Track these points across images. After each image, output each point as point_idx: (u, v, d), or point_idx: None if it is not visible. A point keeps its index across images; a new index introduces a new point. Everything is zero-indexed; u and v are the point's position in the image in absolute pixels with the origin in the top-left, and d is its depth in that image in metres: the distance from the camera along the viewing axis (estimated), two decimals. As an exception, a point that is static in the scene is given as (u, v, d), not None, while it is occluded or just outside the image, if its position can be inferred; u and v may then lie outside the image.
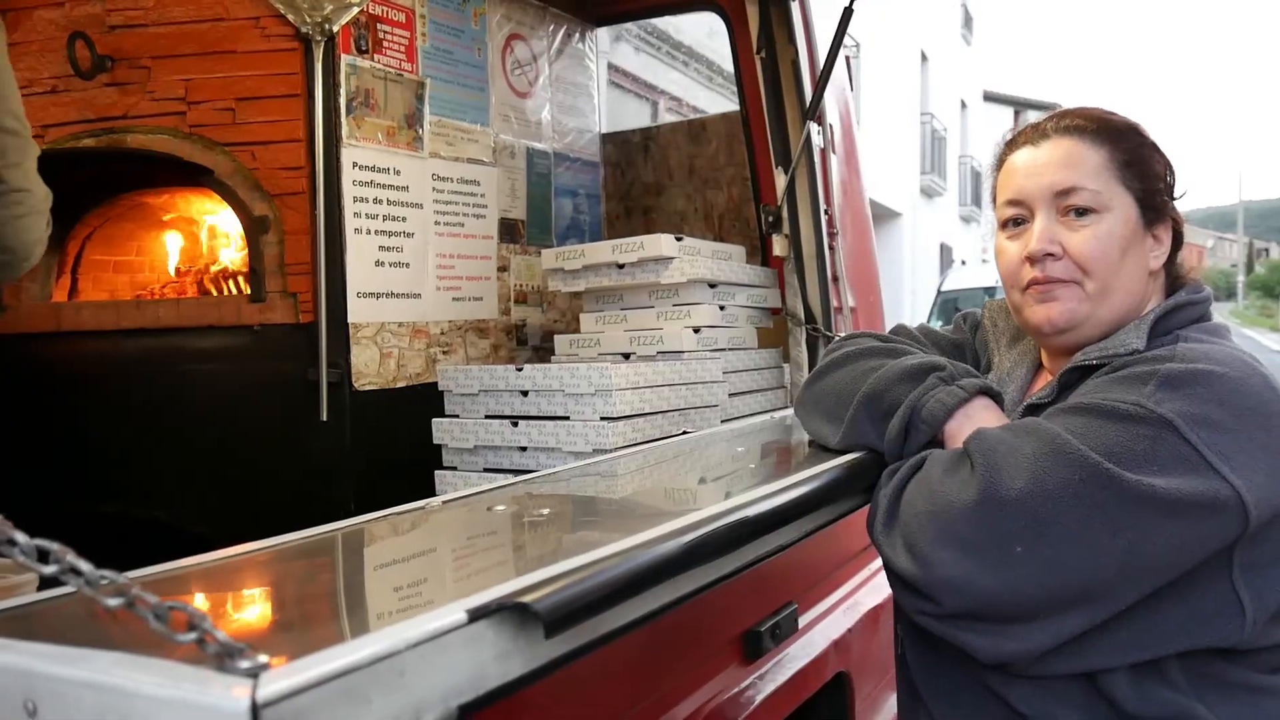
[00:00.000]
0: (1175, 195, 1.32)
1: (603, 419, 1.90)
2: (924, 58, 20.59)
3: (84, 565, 0.63)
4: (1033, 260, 1.27)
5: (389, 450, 2.31)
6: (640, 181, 3.40)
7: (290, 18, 2.22)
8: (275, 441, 2.27)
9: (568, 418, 1.94)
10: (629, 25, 10.02)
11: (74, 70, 2.24)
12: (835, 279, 2.60)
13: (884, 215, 18.77)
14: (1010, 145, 1.37)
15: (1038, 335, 1.34)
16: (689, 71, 11.32)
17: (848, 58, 3.04)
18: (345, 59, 2.27)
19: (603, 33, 11.08)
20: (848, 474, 1.24)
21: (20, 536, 0.65)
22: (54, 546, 0.64)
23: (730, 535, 0.92)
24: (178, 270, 2.92)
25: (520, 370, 2.02)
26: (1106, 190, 1.26)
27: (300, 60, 2.24)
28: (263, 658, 0.57)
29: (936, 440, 1.24)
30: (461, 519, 1.14)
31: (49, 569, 0.64)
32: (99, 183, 2.50)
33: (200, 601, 0.79)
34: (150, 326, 2.35)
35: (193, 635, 0.59)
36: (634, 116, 10.37)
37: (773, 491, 1.07)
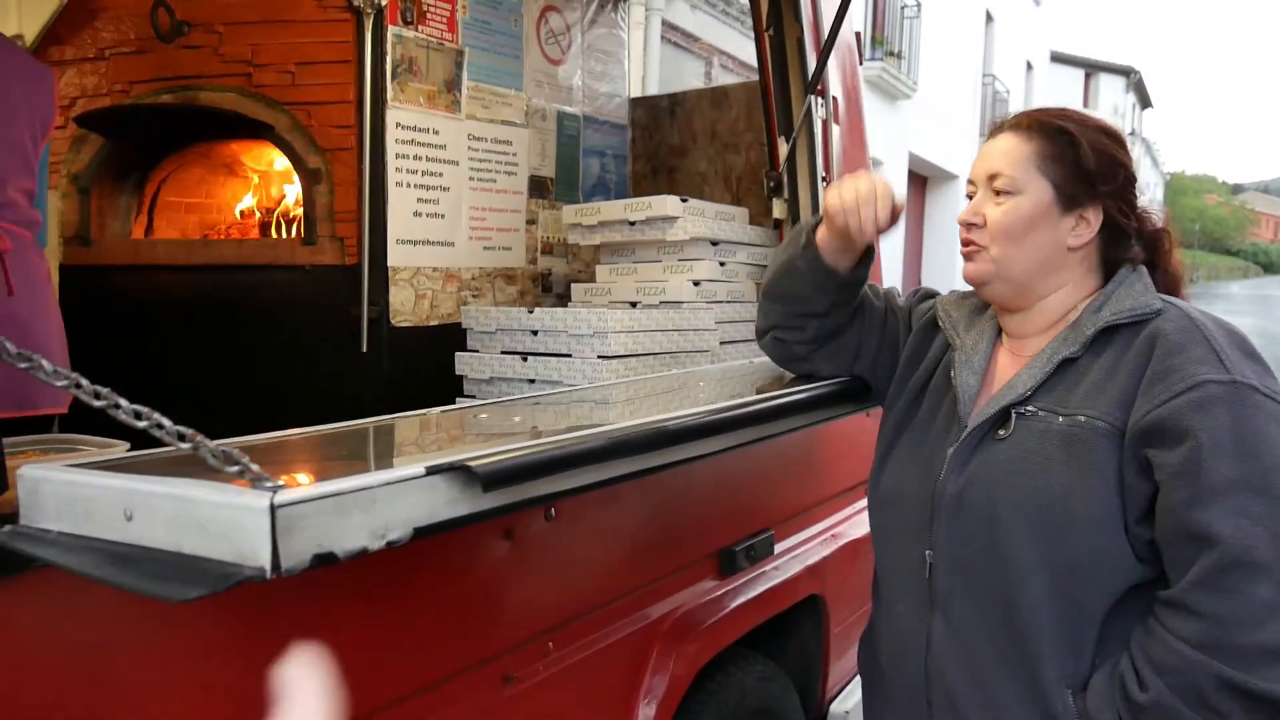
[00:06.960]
0: (1118, 191, 1.49)
1: (600, 357, 2.17)
2: (989, 18, 20.31)
3: (166, 421, 0.92)
4: (963, 225, 1.55)
5: (420, 379, 2.61)
6: (666, 144, 3.63)
7: (344, -8, 2.50)
8: (322, 368, 2.59)
9: (570, 355, 2.23)
10: (686, -17, 10.15)
11: (155, 34, 2.54)
12: (831, 241, 2.83)
13: (941, 177, 18.70)
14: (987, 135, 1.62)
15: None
16: (744, 30, 11.39)
17: (858, 34, 3.24)
18: (392, 30, 2.54)
19: (657, -9, 10.82)
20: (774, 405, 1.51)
21: (123, 402, 0.94)
22: (144, 409, 0.94)
23: (645, 436, 1.19)
24: (241, 213, 3.25)
25: (531, 313, 2.30)
26: (1023, 177, 1.50)
27: (352, 30, 2.52)
28: (281, 482, 0.86)
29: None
30: (453, 420, 1.43)
31: (141, 423, 0.94)
32: (176, 134, 2.82)
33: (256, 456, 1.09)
34: (216, 263, 2.68)
35: (236, 469, 0.88)
36: (689, 74, 10.50)
37: (705, 410, 1.34)
